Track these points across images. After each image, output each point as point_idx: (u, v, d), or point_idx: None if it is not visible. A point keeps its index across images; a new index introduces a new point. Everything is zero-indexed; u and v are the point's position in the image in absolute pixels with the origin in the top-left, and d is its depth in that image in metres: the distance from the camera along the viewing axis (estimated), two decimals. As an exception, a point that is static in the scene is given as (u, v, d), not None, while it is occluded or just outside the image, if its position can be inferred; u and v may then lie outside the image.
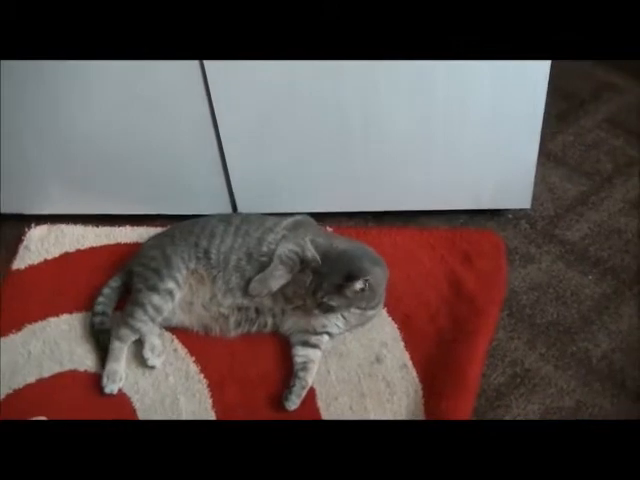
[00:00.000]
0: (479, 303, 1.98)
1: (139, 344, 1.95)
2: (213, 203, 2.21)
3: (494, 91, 1.94)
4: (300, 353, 1.91)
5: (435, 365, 1.87)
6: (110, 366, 1.91)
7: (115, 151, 2.13)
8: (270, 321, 1.96)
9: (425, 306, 2.01)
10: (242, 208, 2.22)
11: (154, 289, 1.94)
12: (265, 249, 1.96)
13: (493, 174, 2.11)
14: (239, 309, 1.95)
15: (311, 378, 1.87)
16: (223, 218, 2.07)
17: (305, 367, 1.88)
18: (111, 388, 1.89)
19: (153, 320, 1.94)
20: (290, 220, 2.04)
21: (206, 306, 1.96)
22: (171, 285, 1.95)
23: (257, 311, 1.95)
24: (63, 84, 1.98)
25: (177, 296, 1.96)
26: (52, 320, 2.04)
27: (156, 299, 1.94)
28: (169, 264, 1.98)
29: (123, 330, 1.93)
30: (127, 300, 2.00)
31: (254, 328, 1.96)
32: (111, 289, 2.06)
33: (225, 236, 2.00)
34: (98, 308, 2.02)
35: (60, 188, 2.23)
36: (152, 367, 1.93)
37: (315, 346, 1.92)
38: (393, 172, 2.12)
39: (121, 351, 1.93)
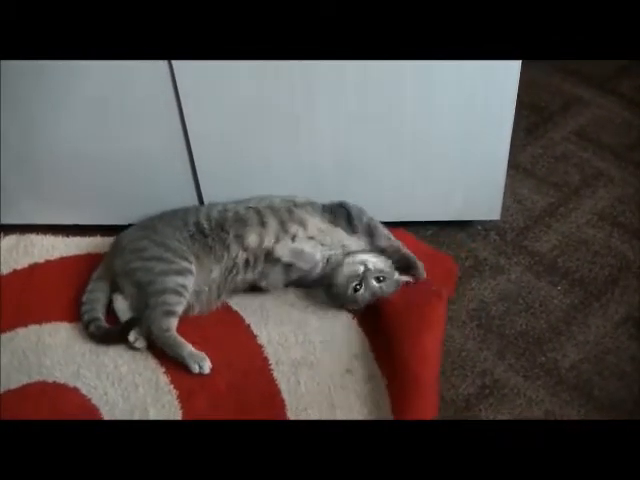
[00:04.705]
0: (422, 303, 1.97)
1: (107, 355, 1.95)
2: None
3: (463, 104, 1.96)
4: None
5: (400, 374, 1.85)
6: (187, 352, 1.91)
7: (85, 161, 2.12)
8: (260, 265, 2.02)
9: (373, 313, 2.00)
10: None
11: (168, 273, 1.96)
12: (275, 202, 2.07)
13: (463, 186, 2.13)
14: (228, 271, 2.01)
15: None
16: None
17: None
18: (207, 366, 1.90)
19: (186, 299, 1.96)
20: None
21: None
22: (183, 264, 1.98)
23: (247, 261, 2.02)
24: (32, 95, 1.98)
25: (194, 271, 1.99)
26: (20, 331, 2.02)
27: (179, 279, 1.96)
28: (169, 248, 2.00)
29: (165, 321, 1.93)
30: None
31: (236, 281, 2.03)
32: (93, 293, 2.04)
33: (212, 207, 2.08)
34: (86, 317, 2.00)
35: (29, 198, 2.22)
36: (138, 349, 1.95)
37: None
38: (363, 183, 2.13)
39: (178, 337, 1.93)
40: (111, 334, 1.98)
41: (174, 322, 1.95)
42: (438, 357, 1.89)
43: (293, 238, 2.01)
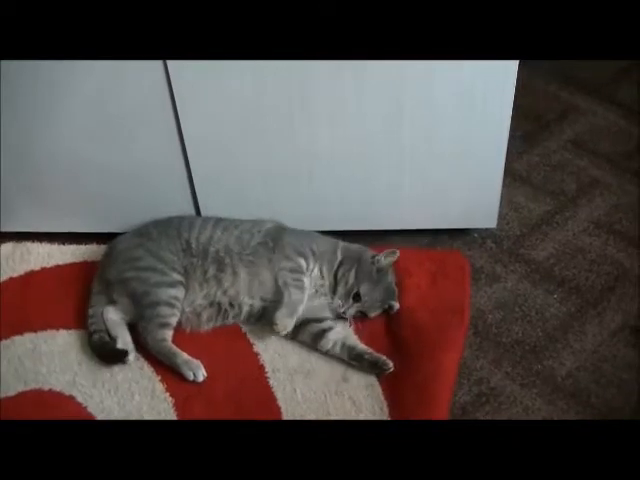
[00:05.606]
0: (444, 322, 1.98)
1: (103, 363, 1.96)
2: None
3: (460, 112, 1.96)
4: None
5: (401, 383, 1.86)
6: (182, 360, 1.91)
7: (81, 169, 2.12)
8: (245, 312, 2.00)
9: (390, 324, 2.02)
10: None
11: (161, 285, 1.97)
12: (245, 246, 2.03)
13: (459, 194, 2.13)
14: (211, 304, 1.99)
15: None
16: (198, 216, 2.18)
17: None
18: (201, 374, 1.90)
19: (179, 310, 1.97)
20: (270, 226, 2.09)
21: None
22: (175, 276, 1.99)
23: (231, 305, 1.99)
24: (29, 102, 1.97)
25: (184, 284, 1.99)
26: (16, 339, 2.02)
27: (172, 291, 1.97)
28: (162, 259, 2.01)
29: (160, 332, 1.94)
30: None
31: (228, 321, 2.02)
32: (97, 305, 2.03)
33: (203, 228, 2.06)
34: (93, 327, 1.99)
35: (26, 206, 2.22)
36: (125, 362, 1.94)
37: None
38: (360, 191, 2.13)
39: (173, 346, 1.94)
40: (107, 350, 1.97)
41: (169, 333, 1.95)
42: (454, 374, 1.90)
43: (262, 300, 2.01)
